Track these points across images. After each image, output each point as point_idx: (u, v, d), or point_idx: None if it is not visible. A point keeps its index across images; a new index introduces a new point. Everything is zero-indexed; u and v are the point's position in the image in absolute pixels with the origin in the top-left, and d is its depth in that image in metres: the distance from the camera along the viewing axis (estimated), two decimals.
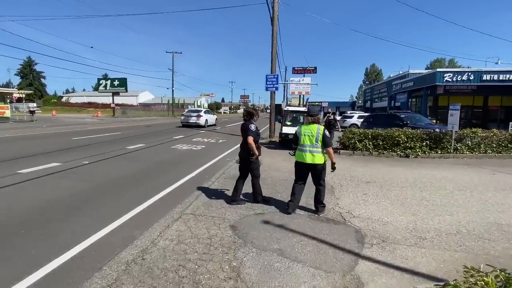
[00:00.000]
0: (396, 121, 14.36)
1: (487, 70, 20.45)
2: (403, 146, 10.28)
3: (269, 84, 14.37)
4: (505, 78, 19.95)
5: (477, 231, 3.99)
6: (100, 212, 4.28)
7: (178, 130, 19.15)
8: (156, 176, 6.57)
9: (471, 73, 20.42)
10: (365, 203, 5.05)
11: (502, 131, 10.52)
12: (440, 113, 23.80)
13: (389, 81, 35.31)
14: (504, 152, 10.03)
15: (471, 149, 10.22)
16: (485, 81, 20.24)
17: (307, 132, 4.32)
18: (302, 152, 4.33)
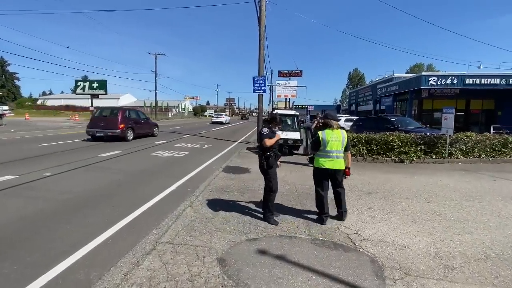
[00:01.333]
0: (386, 124, 14.02)
1: (470, 74, 20.65)
2: (397, 151, 9.84)
3: (256, 86, 13.68)
4: (486, 82, 20.21)
5: (506, 255, 3.42)
6: (49, 246, 3.36)
7: (161, 135, 18.05)
8: (129, 190, 5.64)
9: (454, 77, 20.55)
10: (373, 220, 4.41)
11: (495, 135, 10.30)
12: (424, 116, 24.01)
13: (374, 84, 35.52)
14: (498, 156, 9.79)
15: (465, 154, 9.92)
16: (468, 85, 20.43)
17: (333, 137, 4.17)
18: (329, 158, 4.17)
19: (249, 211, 4.54)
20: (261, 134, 4.09)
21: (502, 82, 19.86)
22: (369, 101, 38.18)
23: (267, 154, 4.10)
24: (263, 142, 4.04)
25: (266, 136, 4.08)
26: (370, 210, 4.86)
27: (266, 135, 4.08)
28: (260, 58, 13.76)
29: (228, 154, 11.10)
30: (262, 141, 4.06)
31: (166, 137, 16.46)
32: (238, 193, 5.53)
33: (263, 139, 4.06)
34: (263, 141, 4.05)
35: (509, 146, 9.86)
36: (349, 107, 49.09)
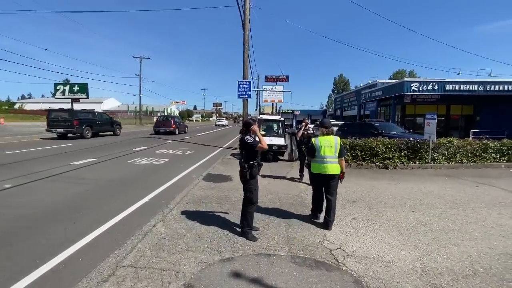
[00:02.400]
0: (371, 130, 14.06)
1: (449, 81, 21.19)
2: (381, 157, 9.78)
3: (241, 91, 13.42)
4: (465, 88, 20.79)
5: (494, 269, 3.24)
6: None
7: (141, 140, 17.44)
8: (96, 204, 5.15)
9: (435, 83, 21.03)
10: (357, 232, 4.19)
11: (475, 140, 10.43)
12: (407, 121, 24.43)
13: (358, 90, 36.06)
14: (479, 161, 9.89)
15: (447, 159, 9.97)
16: (448, 91, 20.96)
17: (326, 143, 4.34)
18: (324, 164, 4.31)
19: (226, 225, 4.22)
20: (246, 143, 3.77)
21: (480, 88, 20.48)
22: (354, 106, 38.73)
23: (251, 163, 3.81)
24: (257, 147, 3.74)
25: (255, 143, 3.77)
26: (354, 221, 4.64)
27: (254, 143, 3.77)
28: (245, 63, 13.53)
29: (211, 160, 10.75)
30: (249, 149, 3.77)
31: (147, 143, 15.88)
32: (217, 204, 5.20)
33: (254, 147, 3.75)
34: (256, 147, 3.74)
35: (489, 151, 9.98)
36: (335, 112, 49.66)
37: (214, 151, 13.47)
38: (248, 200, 3.89)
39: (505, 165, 9.79)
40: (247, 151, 3.81)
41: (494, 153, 9.99)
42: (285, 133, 11.51)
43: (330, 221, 4.31)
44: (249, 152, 3.81)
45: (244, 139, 3.81)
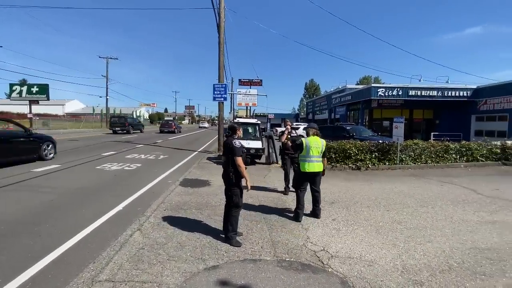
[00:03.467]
0: (343, 133, 14.55)
1: (412, 87, 22.68)
2: (354, 159, 10.13)
3: (216, 94, 13.25)
4: (426, 94, 22.38)
5: (467, 263, 3.44)
6: None
7: (110, 145, 16.52)
8: (63, 214, 4.73)
9: (400, 89, 22.39)
10: (338, 233, 4.25)
11: (437, 142, 11.18)
12: (375, 124, 25.70)
13: (329, 95, 37.31)
14: (441, 162, 10.61)
15: (414, 160, 10.57)
16: (411, 96, 22.41)
17: (314, 144, 4.80)
18: (311, 162, 4.77)
19: (209, 232, 4.07)
20: (234, 147, 3.72)
21: (439, 94, 22.12)
22: (325, 110, 39.98)
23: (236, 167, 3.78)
24: (236, 160, 3.69)
25: (240, 150, 3.75)
26: (334, 222, 4.72)
27: (240, 149, 3.75)
28: (220, 66, 13.40)
29: (187, 165, 10.45)
30: (235, 155, 3.71)
31: (116, 147, 15.08)
32: (197, 211, 5.02)
33: (236, 155, 3.71)
34: (236, 158, 3.70)
35: (450, 152, 10.75)
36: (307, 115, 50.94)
37: (189, 155, 13.13)
38: (233, 204, 3.80)
39: (464, 165, 10.59)
40: (232, 155, 3.75)
41: (455, 154, 10.78)
42: (262, 136, 11.52)
43: (318, 209, 4.91)
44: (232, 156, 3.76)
45: (232, 143, 3.75)
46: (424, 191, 7.04)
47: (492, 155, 11.15)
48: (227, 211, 3.86)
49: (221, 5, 13.19)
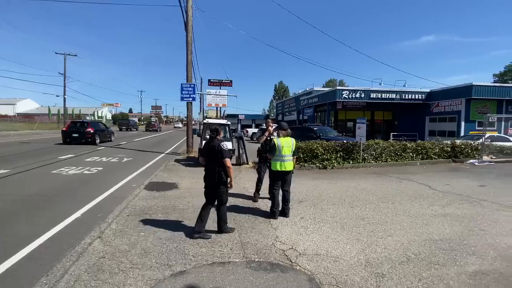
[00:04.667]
0: (310, 133, 14.94)
1: (374, 90, 24.08)
2: (321, 158, 10.44)
3: (185, 94, 12.93)
4: (386, 97, 23.90)
5: (423, 254, 3.68)
6: None
7: (68, 148, 15.32)
8: (13, 223, 4.28)
9: (362, 92, 23.66)
10: (306, 231, 4.33)
11: (396, 141, 11.93)
12: (340, 125, 26.78)
13: (297, 96, 38.19)
14: (400, 160, 11.33)
15: (375, 159, 11.16)
16: (372, 99, 23.78)
17: (286, 144, 4.92)
18: (284, 162, 4.90)
19: (175, 236, 3.93)
20: (223, 150, 3.94)
21: (397, 97, 23.69)
22: (293, 112, 40.83)
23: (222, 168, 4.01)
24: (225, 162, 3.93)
25: (228, 152, 4.04)
26: (302, 220, 4.81)
27: (228, 151, 4.03)
28: (188, 65, 13.11)
29: (153, 167, 10.08)
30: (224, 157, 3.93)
31: (75, 150, 14.06)
32: (163, 215, 4.84)
33: (224, 157, 3.92)
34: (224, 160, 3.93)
35: (408, 151, 11.52)
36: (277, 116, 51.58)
37: (156, 158, 12.66)
38: (223, 202, 4.10)
39: (420, 163, 11.41)
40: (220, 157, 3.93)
41: (411, 153, 11.57)
42: (232, 137, 11.45)
43: (287, 208, 4.99)
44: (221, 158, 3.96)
45: (220, 146, 3.93)
46: (385, 188, 7.44)
47: (443, 153, 12.13)
48: (218, 210, 4.10)
49: (188, 3, 12.90)
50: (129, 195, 6.10)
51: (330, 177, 8.82)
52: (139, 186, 6.92)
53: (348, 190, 7.09)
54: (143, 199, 5.80)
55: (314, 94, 30.08)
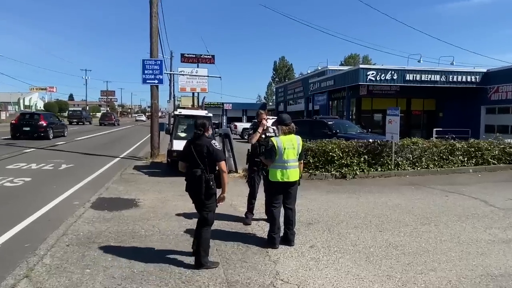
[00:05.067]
0: (323, 129, 15.11)
1: (410, 69, 24.35)
2: (338, 164, 10.53)
3: (148, 74, 12.92)
4: (427, 79, 24.15)
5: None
6: None
7: None
8: None
9: (394, 72, 23.85)
10: (318, 265, 4.37)
11: (441, 140, 12.11)
12: (364, 118, 27.02)
13: (305, 78, 38.36)
14: (446, 166, 11.50)
15: (412, 164, 11.30)
16: (408, 82, 24.03)
17: (289, 144, 4.80)
18: (286, 169, 4.80)
19: (135, 275, 3.91)
20: (216, 150, 4.14)
21: (442, 79, 23.96)
22: (300, 99, 41.07)
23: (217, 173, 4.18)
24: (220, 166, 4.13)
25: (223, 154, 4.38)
26: (313, 250, 4.86)
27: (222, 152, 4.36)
28: (153, 34, 13.11)
29: (103, 178, 10.08)
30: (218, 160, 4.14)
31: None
32: (118, 244, 4.84)
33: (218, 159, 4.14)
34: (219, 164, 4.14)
35: (456, 154, 11.71)
36: (277, 106, 51.84)
37: (107, 164, 12.68)
38: (209, 223, 4.24)
39: (473, 169, 11.62)
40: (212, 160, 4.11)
41: (462, 156, 11.76)
42: (215, 134, 11.44)
43: (292, 234, 4.99)
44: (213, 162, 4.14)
45: (212, 145, 4.13)
46: (426, 204, 7.56)
47: (506, 156, 12.36)
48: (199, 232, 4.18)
49: None
50: (70, 216, 6.07)
51: (350, 189, 8.90)
52: (84, 204, 6.90)
53: (375, 208, 7.17)
54: (89, 222, 5.78)
55: (329, 75, 30.24)
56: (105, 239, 5.00)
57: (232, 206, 7.02)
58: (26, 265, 4.03)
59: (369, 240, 5.29)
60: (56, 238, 4.93)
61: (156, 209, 6.72)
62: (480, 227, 6.04)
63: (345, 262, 4.46)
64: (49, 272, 3.89)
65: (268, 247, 4.85)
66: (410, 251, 4.92)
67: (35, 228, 5.52)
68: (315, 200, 7.67)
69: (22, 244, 4.82)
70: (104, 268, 4.03)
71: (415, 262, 4.52)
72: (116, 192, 8.08)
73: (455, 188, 9.19)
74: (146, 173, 10.74)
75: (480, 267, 4.43)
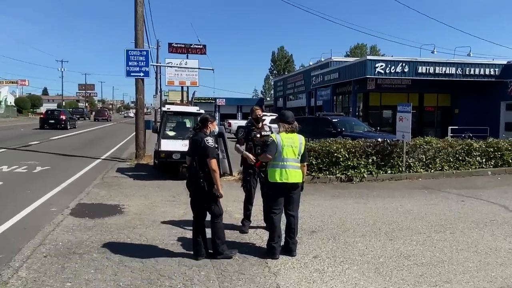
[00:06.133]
0: (327, 127, 15.19)
1: (422, 61, 24.40)
2: (343, 165, 10.59)
3: (132, 66, 12.93)
4: (441, 71, 24.23)
5: None
6: None
7: None
8: None
9: (405, 63, 23.89)
10: (322, 277, 4.40)
11: (457, 140, 12.19)
12: (372, 115, 27.10)
13: (307, 70, 38.45)
14: (462, 168, 11.60)
15: (425, 166, 11.38)
16: (421, 75, 24.09)
17: (289, 142, 4.87)
18: (284, 169, 4.83)
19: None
20: (207, 146, 4.51)
21: (458, 72, 24.05)
22: (301, 94, 41.15)
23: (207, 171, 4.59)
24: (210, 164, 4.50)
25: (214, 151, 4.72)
26: (316, 260, 4.89)
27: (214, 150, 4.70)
28: (138, 21, 13.12)
29: (84, 181, 10.13)
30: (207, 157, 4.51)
31: None
32: (100, 255, 4.84)
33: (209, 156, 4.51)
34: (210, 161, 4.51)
35: (474, 154, 11.81)
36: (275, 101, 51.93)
37: (87, 165, 12.77)
38: (216, 214, 4.74)
39: (492, 171, 11.73)
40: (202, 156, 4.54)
41: (479, 156, 11.86)
42: None
43: (294, 243, 5.01)
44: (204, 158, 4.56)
45: (204, 141, 4.50)
46: (440, 210, 7.64)
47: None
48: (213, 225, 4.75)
49: None
50: (47, 224, 6.09)
51: (357, 194, 8.98)
52: (62, 211, 6.92)
53: (384, 214, 7.23)
54: (69, 230, 5.80)
55: (333, 67, 30.30)
56: (87, 250, 5.01)
57: (227, 212, 7.02)
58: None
59: (378, 250, 5.33)
60: (32, 249, 4.93)
61: (142, 216, 6.74)
62: (499, 235, 6.11)
63: (352, 274, 4.49)
64: (25, 286, 3.90)
65: (268, 258, 4.88)
66: (423, 261, 4.96)
67: (8, 237, 5.55)
68: (318, 206, 7.71)
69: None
70: (87, 282, 4.05)
71: (428, 274, 4.56)
72: (98, 197, 8.10)
73: (472, 192, 9.28)
74: (130, 176, 10.77)
75: (500, 278, 4.48)
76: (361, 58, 27.09)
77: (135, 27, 13.31)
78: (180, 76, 25.04)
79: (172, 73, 24.81)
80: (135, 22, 13.29)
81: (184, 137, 10.86)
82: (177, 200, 8.08)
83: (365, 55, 32.05)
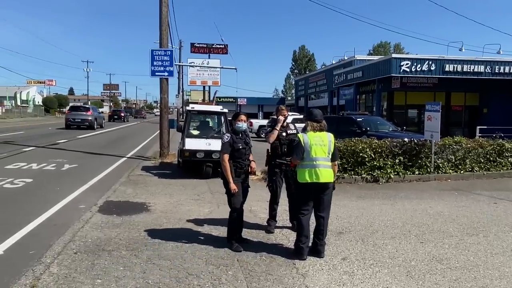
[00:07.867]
0: (351, 127, 15.06)
1: (449, 59, 23.94)
2: (369, 166, 10.44)
3: (157, 66, 13.07)
4: (469, 70, 23.69)
5: None
6: None
7: None
8: None
9: (432, 62, 23.49)
10: (352, 279, 4.33)
11: (488, 140, 11.84)
12: (397, 114, 26.70)
13: (329, 69, 38.24)
14: (493, 169, 11.26)
15: (455, 166, 11.10)
16: (448, 73, 23.62)
17: (317, 141, 4.82)
18: (315, 168, 4.77)
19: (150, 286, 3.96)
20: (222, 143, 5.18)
21: (487, 70, 23.46)
22: (323, 93, 40.94)
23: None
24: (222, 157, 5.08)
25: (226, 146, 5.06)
26: (345, 262, 4.82)
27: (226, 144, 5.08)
28: (162, 21, 13.24)
29: (110, 178, 10.29)
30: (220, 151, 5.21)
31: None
32: (129, 252, 4.89)
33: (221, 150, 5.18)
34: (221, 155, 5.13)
35: (506, 155, 11.46)
36: (296, 101, 51.82)
37: (113, 164, 12.93)
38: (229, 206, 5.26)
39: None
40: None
41: None
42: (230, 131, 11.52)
43: (322, 245, 4.96)
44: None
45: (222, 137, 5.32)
46: (472, 212, 7.46)
47: None
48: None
49: None
50: (76, 221, 6.19)
51: (384, 194, 8.86)
52: (91, 208, 7.03)
53: (414, 216, 7.10)
54: (98, 227, 5.88)
55: (356, 65, 30.03)
56: (116, 247, 5.07)
57: (252, 212, 7.03)
58: (32, 274, 4.11)
59: (409, 253, 5.22)
60: (63, 245, 5.02)
61: (168, 214, 6.81)
62: None
63: (383, 277, 4.40)
64: (57, 282, 3.96)
65: (295, 259, 4.84)
66: (457, 265, 4.83)
67: (39, 234, 5.63)
68: (344, 207, 7.63)
69: (26, 251, 4.93)
70: (116, 279, 4.08)
71: (463, 278, 4.44)
72: (125, 195, 8.20)
73: (505, 194, 9.03)
74: (155, 174, 10.86)
75: None
76: (386, 57, 26.72)
77: (160, 27, 13.42)
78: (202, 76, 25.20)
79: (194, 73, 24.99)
80: (160, 22, 13.40)
81: (207, 136, 10.91)
82: (201, 199, 8.10)
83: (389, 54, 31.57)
